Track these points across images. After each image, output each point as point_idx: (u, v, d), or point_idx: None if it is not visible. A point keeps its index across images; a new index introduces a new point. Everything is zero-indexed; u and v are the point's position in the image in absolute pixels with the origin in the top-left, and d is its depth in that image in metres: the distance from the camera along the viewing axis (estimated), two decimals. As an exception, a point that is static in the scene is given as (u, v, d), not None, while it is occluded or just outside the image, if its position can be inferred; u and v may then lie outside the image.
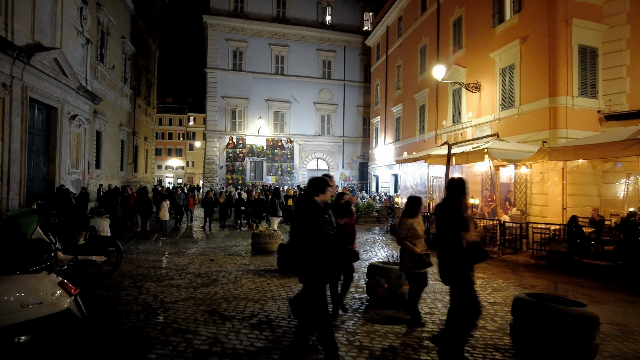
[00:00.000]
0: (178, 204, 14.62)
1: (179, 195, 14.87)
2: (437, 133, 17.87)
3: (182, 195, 14.92)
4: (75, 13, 16.01)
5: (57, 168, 14.96)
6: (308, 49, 28.94)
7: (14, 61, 11.70)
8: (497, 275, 7.76)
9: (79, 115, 16.29)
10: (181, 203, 14.68)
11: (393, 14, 23.42)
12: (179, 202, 14.65)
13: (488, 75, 14.19)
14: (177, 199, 14.66)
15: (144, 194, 11.21)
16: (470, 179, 14.68)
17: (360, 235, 13.20)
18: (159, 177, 65.68)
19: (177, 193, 15.01)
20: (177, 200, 14.63)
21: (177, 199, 14.66)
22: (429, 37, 18.83)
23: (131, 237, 11.62)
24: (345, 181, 29.79)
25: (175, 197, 14.58)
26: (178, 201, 14.63)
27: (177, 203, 14.60)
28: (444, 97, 17.27)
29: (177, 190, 15.37)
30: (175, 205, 14.46)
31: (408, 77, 21.41)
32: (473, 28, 15.19)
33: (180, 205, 14.71)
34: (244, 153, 27.60)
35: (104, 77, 20.72)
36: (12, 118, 11.98)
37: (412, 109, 20.59)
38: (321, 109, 29.35)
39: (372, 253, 9.95)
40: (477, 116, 14.96)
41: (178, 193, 15.00)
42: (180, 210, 14.89)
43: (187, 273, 6.99)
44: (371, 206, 16.46)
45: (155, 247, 9.94)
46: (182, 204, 14.77)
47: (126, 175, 26.01)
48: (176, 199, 14.58)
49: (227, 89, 27.27)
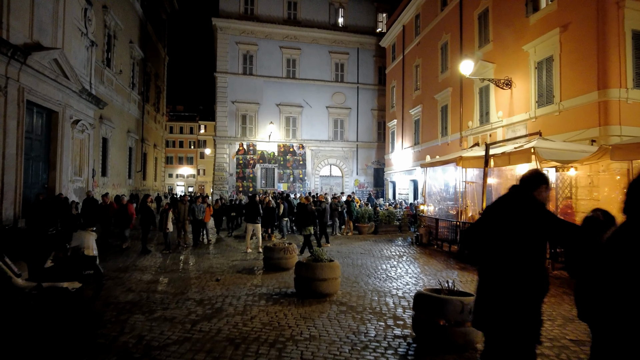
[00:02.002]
0: (197, 217, 12.25)
1: (199, 207, 12.31)
2: (462, 135, 16.60)
3: (201, 206, 12.42)
4: (79, 14, 15.27)
5: (57, 175, 14.09)
6: (320, 52, 28.02)
7: (9, 61, 10.86)
8: (559, 297, 6.46)
9: (82, 120, 15.48)
10: (201, 216, 12.31)
11: (410, 12, 22.33)
12: (198, 216, 12.23)
13: (521, 70, 12.94)
14: (197, 211, 12.18)
15: (145, 204, 10.12)
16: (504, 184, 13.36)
17: (383, 248, 11.96)
18: (170, 186, 65.35)
19: (197, 203, 12.40)
20: (197, 213, 12.19)
21: (197, 211, 12.18)
22: (450, 33, 17.66)
23: (129, 252, 10.56)
24: (360, 188, 28.56)
25: (194, 209, 12.10)
26: (198, 214, 12.22)
27: (197, 216, 12.22)
28: (470, 96, 16.03)
29: (197, 200, 12.68)
30: (196, 219, 12.22)
31: (428, 77, 20.22)
32: (502, 20, 13.98)
33: (201, 219, 12.38)
34: (254, 159, 26.63)
35: (111, 82, 20.01)
36: (6, 121, 11.12)
37: (433, 110, 19.36)
38: (334, 113, 28.30)
39: (402, 270, 8.71)
40: (508, 115, 13.69)
41: (199, 204, 12.42)
42: (201, 224, 12.61)
43: (187, 299, 5.81)
44: (392, 215, 15.22)
45: (155, 264, 8.86)
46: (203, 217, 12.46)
47: (134, 184, 25.23)
48: (196, 211, 12.13)
49: (237, 94, 26.44)
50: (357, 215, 14.73)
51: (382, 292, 6.50)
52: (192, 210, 12.04)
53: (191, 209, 12.04)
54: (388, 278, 7.65)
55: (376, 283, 7.19)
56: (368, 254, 10.55)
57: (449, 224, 11.86)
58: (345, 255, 10.26)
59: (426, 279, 7.73)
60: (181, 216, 11.86)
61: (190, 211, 12.01)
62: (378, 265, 9.08)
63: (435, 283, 7.35)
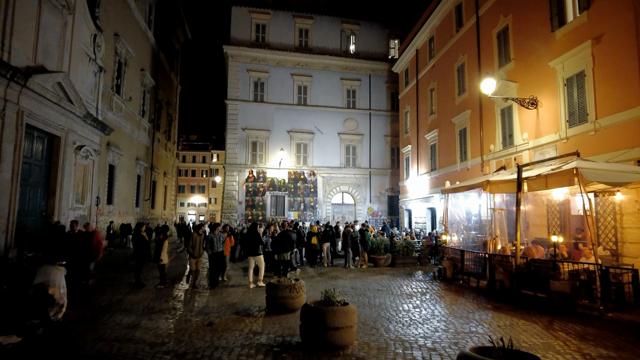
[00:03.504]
0: (216, 249, 9.93)
1: (218, 237, 10.16)
2: (483, 159, 15.54)
3: (221, 236, 10.36)
4: (87, 39, 15.12)
5: (57, 202, 13.45)
6: (331, 78, 27.73)
7: (8, 83, 10.45)
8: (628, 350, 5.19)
9: (86, 146, 15.00)
10: (221, 248, 10.14)
11: (423, 36, 21.91)
12: (217, 248, 9.97)
13: (547, 88, 12.01)
14: (217, 241, 10.01)
15: (138, 233, 9.19)
16: (534, 212, 12.16)
17: (403, 283, 10.74)
18: (181, 214, 64.96)
19: (215, 233, 10.18)
20: (216, 245, 9.95)
21: (217, 241, 10.01)
22: (467, 54, 16.99)
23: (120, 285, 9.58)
24: (374, 216, 27.36)
25: (213, 240, 9.94)
26: (217, 246, 9.96)
27: (216, 248, 9.94)
28: (491, 118, 15.09)
29: (216, 229, 10.39)
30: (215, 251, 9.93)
31: (444, 100, 19.44)
32: (523, 37, 13.23)
33: (221, 252, 10.15)
34: (264, 187, 25.85)
35: (120, 109, 19.78)
36: (2, 145, 10.59)
37: (451, 133, 18.43)
38: (346, 140, 27.61)
39: (428, 311, 7.51)
40: (534, 137, 12.66)
41: (217, 232, 10.25)
42: (221, 259, 10.23)
43: (166, 352, 4.70)
44: (410, 245, 13.98)
45: (143, 301, 7.80)
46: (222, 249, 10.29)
47: (142, 212, 24.60)
48: (215, 243, 9.94)
49: (247, 121, 26.07)
50: (373, 245, 13.57)
51: (408, 343, 5.34)
52: (210, 241, 9.92)
53: (209, 240, 9.97)
54: (412, 322, 6.47)
55: (399, 330, 6.02)
56: (386, 291, 9.35)
57: (476, 256, 10.63)
58: (360, 293, 9.09)
59: (458, 323, 6.53)
60: (196, 250, 9.60)
61: (209, 242, 9.93)
62: (399, 305, 7.90)
63: (469, 328, 6.15)
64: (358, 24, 28.62)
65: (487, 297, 8.90)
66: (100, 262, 13.57)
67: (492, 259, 9.64)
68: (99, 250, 9.45)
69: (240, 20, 26.63)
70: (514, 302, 8.17)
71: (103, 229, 18.64)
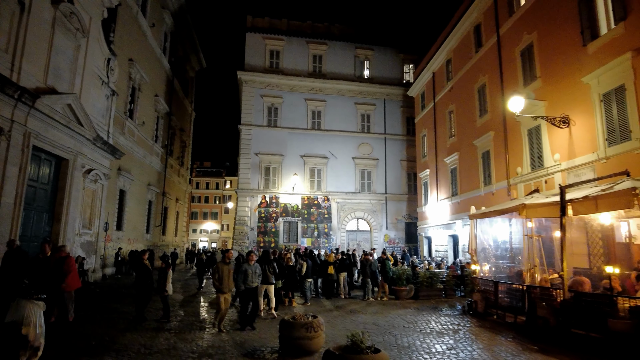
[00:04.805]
0: (251, 284, 8.02)
1: (253, 268, 8.18)
2: (509, 183, 14.56)
3: (257, 268, 8.31)
4: (100, 62, 15.04)
5: (62, 227, 12.91)
6: (346, 103, 27.43)
7: (15, 103, 10.14)
8: None
9: (95, 170, 14.60)
10: (256, 283, 8.19)
11: (440, 58, 21.51)
12: (252, 282, 8.04)
13: (580, 105, 11.20)
14: (252, 275, 8.04)
15: (141, 262, 8.35)
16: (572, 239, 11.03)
17: (430, 318, 9.63)
18: (193, 241, 64.30)
19: (250, 263, 8.17)
20: (251, 279, 8.03)
21: (252, 275, 8.04)
22: (488, 74, 16.38)
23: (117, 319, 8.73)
24: (390, 244, 26.17)
25: (248, 273, 8.00)
26: (252, 279, 8.04)
27: (250, 283, 8.00)
28: (516, 139, 14.23)
29: (250, 258, 8.27)
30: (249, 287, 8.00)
31: (464, 122, 18.70)
32: (550, 53, 12.57)
33: (256, 287, 8.25)
34: (277, 213, 25.08)
35: (132, 133, 19.59)
36: (6, 167, 10.15)
37: (472, 157, 17.56)
38: (360, 164, 26.92)
39: (466, 354, 6.46)
40: (567, 158, 11.73)
41: (252, 263, 8.22)
42: (255, 296, 8.24)
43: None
44: (435, 276, 12.86)
45: (140, 339, 6.86)
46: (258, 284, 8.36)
47: (152, 239, 24.00)
48: (250, 276, 7.99)
49: (261, 146, 25.71)
50: (394, 276, 12.51)
51: (452, 399, 4.36)
52: (244, 274, 7.94)
53: (242, 272, 7.95)
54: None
55: (437, 379, 5.04)
56: (413, 329, 8.29)
57: (512, 288, 9.51)
58: (384, 330, 8.05)
59: (505, 371, 5.48)
60: (224, 284, 7.73)
61: (242, 275, 7.92)
62: (431, 345, 6.86)
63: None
64: (372, 49, 28.56)
65: (529, 336, 7.77)
66: (101, 292, 12.79)
67: (531, 292, 8.55)
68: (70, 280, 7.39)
69: (255, 46, 26.83)
70: (561, 343, 7.06)
71: (111, 255, 18.01)
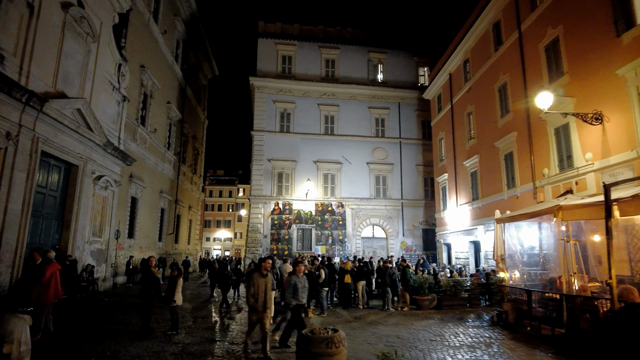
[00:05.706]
0: (301, 300, 6.97)
1: (304, 282, 7.14)
2: (535, 185, 13.75)
3: (305, 282, 7.23)
4: (111, 68, 14.87)
5: (71, 235, 12.60)
6: (359, 107, 26.90)
7: (23, 107, 9.90)
8: None
9: (106, 176, 14.34)
10: (305, 298, 7.19)
11: (457, 59, 20.86)
12: (302, 297, 7.00)
13: (615, 100, 10.43)
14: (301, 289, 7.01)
15: (147, 269, 7.91)
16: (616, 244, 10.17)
17: (457, 330, 8.89)
18: (207, 249, 64.20)
19: (299, 275, 7.07)
20: (301, 293, 6.98)
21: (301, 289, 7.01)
22: (509, 72, 15.66)
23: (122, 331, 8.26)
24: (408, 251, 25.31)
25: (298, 287, 6.95)
26: (302, 294, 7.00)
27: (301, 299, 6.96)
28: (542, 139, 13.45)
29: (298, 269, 7.12)
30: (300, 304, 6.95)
31: (484, 124, 17.95)
32: (578, 47, 11.84)
33: (304, 304, 7.16)
34: (290, 219, 24.55)
35: (144, 140, 19.40)
36: (13, 173, 9.87)
37: (494, 159, 16.77)
38: (375, 169, 26.26)
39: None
40: (601, 157, 10.92)
41: (301, 275, 7.14)
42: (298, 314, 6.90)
43: None
44: (459, 284, 12.10)
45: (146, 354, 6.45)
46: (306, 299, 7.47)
47: (165, 247, 23.71)
48: (299, 291, 6.95)
49: (273, 152, 25.33)
50: (415, 285, 11.80)
51: None
52: (293, 288, 6.81)
53: (291, 285, 6.82)
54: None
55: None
56: (441, 342, 7.59)
57: (547, 297, 8.73)
58: (409, 344, 7.38)
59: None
60: (260, 301, 6.33)
61: (291, 288, 6.81)
62: (463, 362, 6.18)
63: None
64: (385, 53, 28.07)
65: (571, 351, 7.02)
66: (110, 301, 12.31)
67: (571, 302, 7.78)
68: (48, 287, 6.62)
69: (267, 52, 26.62)
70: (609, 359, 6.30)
71: (122, 264, 17.70)
